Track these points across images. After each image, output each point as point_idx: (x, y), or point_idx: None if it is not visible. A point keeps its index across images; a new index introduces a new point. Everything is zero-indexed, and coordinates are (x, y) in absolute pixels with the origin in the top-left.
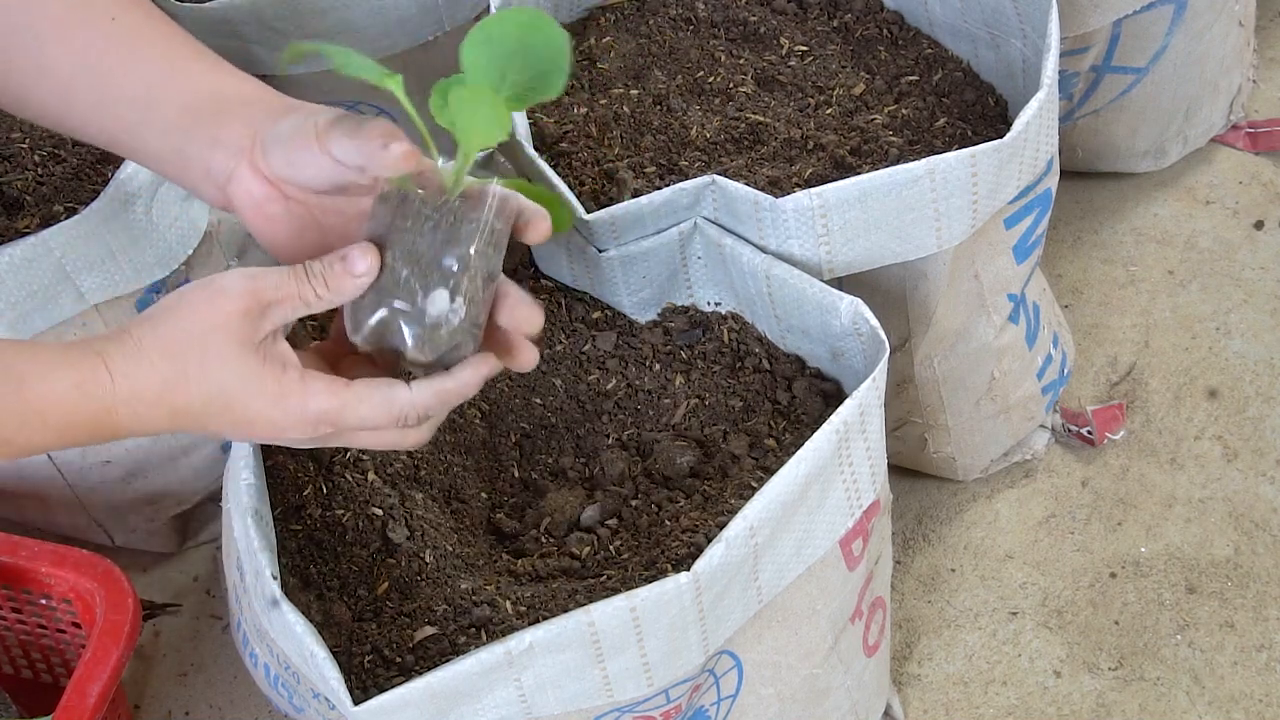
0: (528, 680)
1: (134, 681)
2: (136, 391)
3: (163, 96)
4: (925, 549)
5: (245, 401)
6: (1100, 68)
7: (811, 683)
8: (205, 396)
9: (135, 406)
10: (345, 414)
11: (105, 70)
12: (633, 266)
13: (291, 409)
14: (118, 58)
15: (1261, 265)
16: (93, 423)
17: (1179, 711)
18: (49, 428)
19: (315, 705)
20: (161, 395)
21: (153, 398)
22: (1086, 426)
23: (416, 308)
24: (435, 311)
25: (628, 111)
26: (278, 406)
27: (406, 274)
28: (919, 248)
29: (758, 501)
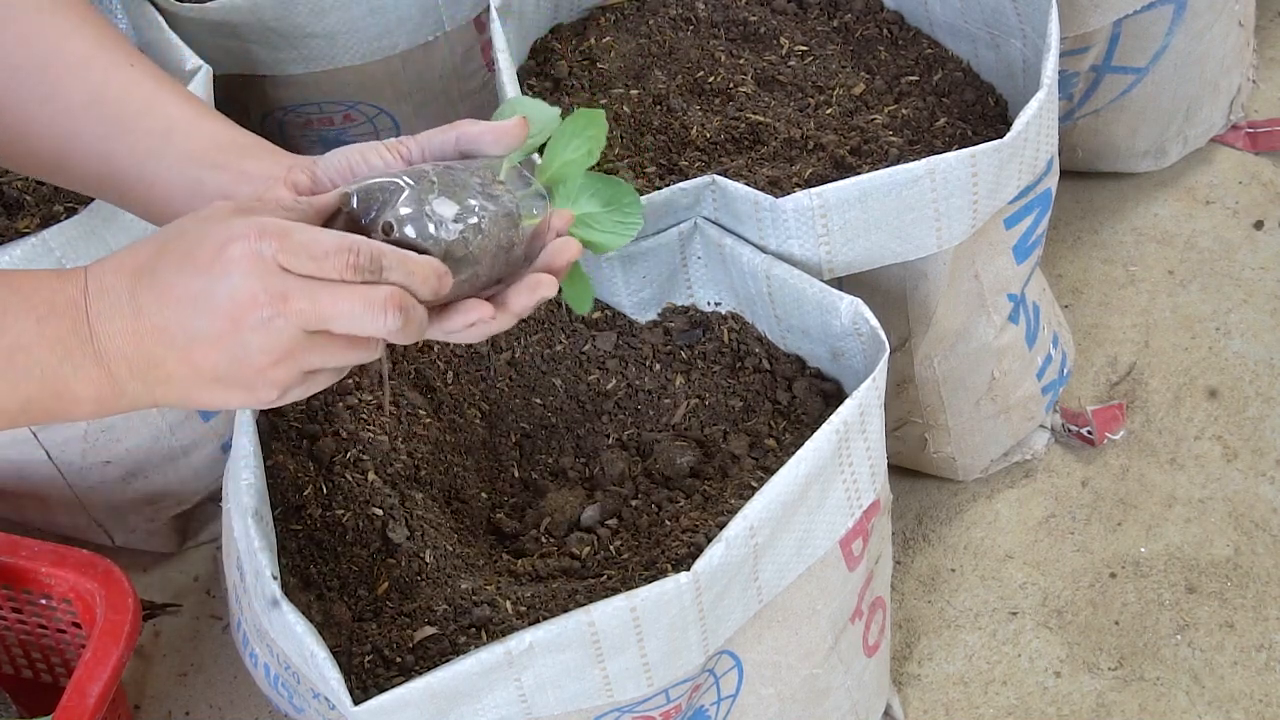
0: (528, 680)
1: (134, 681)
2: (104, 264)
3: (186, 131)
4: (925, 549)
5: (196, 225)
6: (1100, 68)
7: (811, 683)
8: (161, 239)
9: (102, 278)
10: (290, 230)
11: (124, 103)
12: (633, 266)
13: (236, 223)
14: (140, 94)
15: (1261, 265)
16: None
17: (1179, 711)
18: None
19: (315, 705)
20: (123, 259)
21: (116, 263)
22: (1086, 426)
23: (422, 196)
24: (440, 210)
25: (628, 111)
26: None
27: (434, 179)
28: (919, 248)
29: (758, 501)
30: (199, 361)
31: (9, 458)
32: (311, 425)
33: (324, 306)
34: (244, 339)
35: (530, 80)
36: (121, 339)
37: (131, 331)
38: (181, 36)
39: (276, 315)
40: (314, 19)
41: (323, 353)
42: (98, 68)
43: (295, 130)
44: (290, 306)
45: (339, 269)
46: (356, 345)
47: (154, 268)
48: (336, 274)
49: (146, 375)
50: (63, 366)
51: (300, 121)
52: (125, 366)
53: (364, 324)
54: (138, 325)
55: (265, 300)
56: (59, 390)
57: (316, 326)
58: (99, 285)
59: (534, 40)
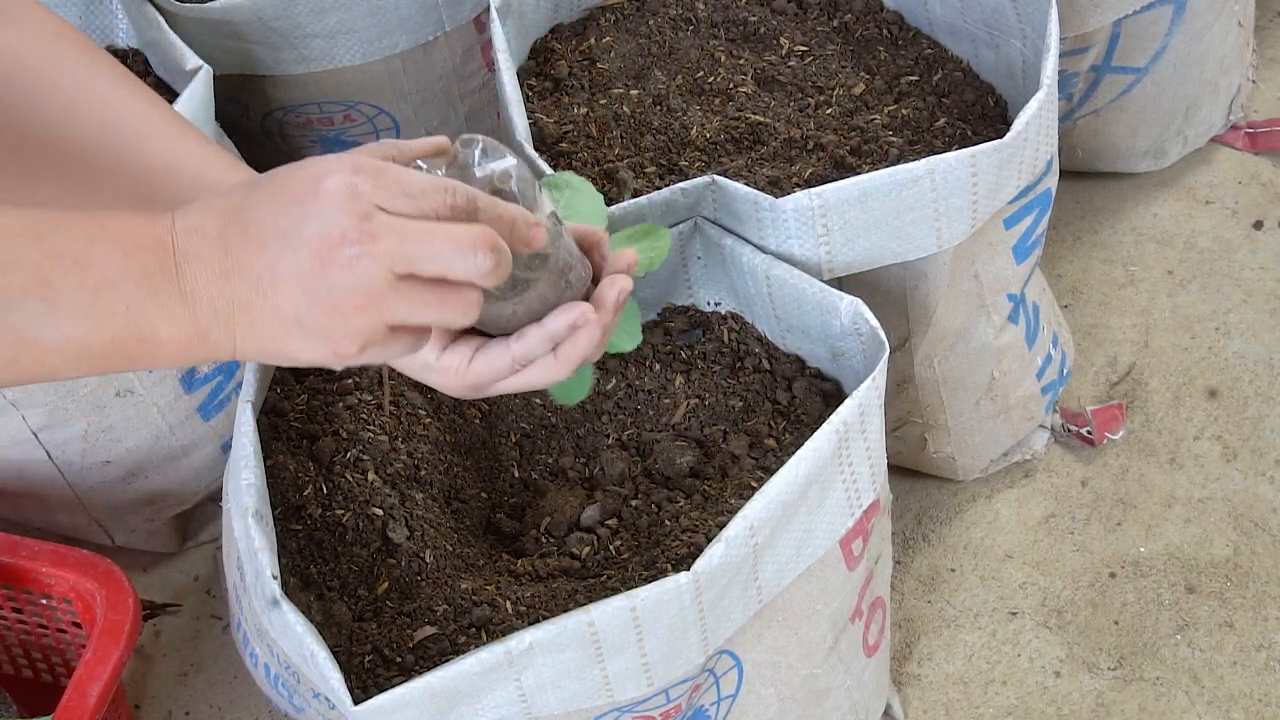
0: (528, 680)
1: (134, 681)
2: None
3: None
4: (925, 549)
5: (290, 166)
6: (1100, 68)
7: (811, 682)
8: (254, 181)
9: (188, 217)
10: (386, 168)
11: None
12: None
13: (330, 160)
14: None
15: (1261, 265)
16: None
17: (1178, 711)
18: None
19: (315, 705)
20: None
21: (203, 204)
22: (1086, 426)
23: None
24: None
25: (628, 111)
26: (317, 159)
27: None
28: (919, 248)
29: (758, 501)
30: (282, 302)
31: (9, 458)
32: (311, 425)
33: (412, 245)
34: (330, 278)
35: (530, 80)
36: (207, 278)
37: (219, 270)
38: (182, 36)
39: (364, 254)
40: (314, 19)
41: (409, 302)
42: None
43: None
44: (379, 245)
45: (435, 207)
46: (445, 300)
47: (243, 205)
48: (432, 212)
49: (230, 318)
50: (148, 304)
51: (300, 121)
52: (210, 308)
53: (454, 264)
54: (225, 263)
55: (355, 237)
56: (143, 331)
57: (405, 268)
58: (186, 224)
59: (534, 40)
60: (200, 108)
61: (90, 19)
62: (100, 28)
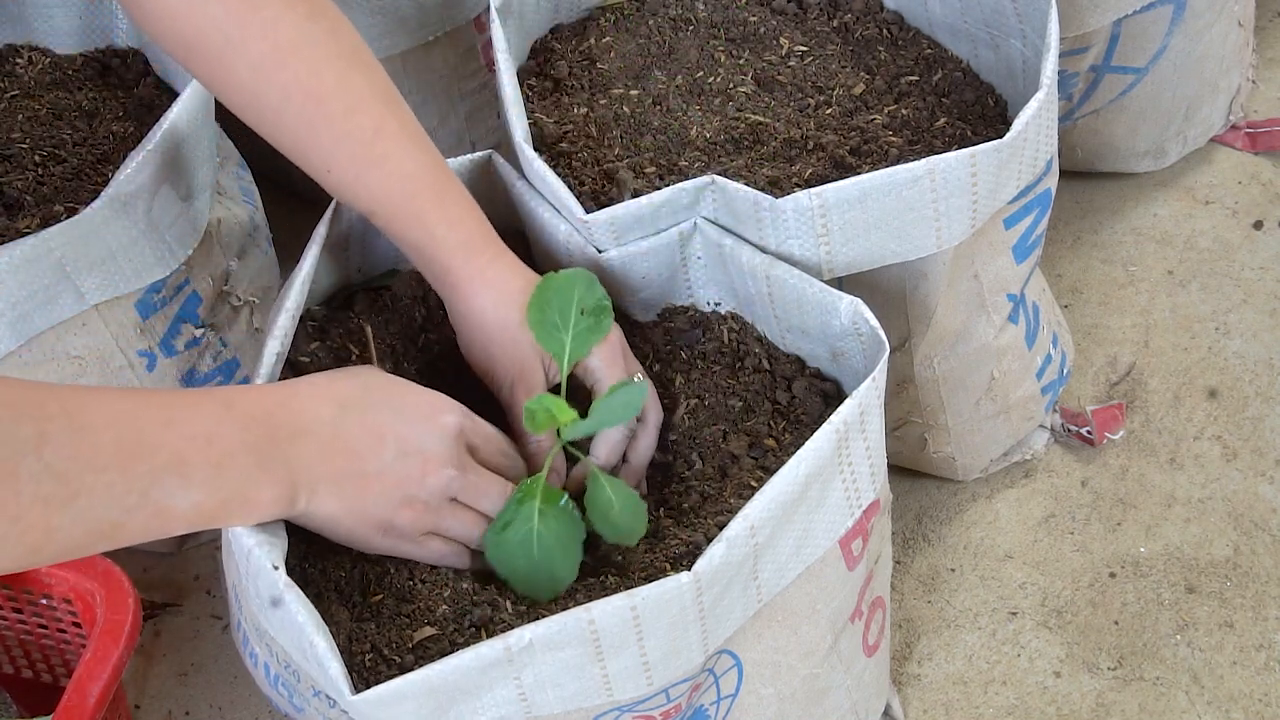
0: (527, 678)
1: (134, 681)
2: (310, 381)
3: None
4: (925, 549)
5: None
6: (1100, 68)
7: (811, 682)
8: (361, 382)
9: (305, 398)
10: (483, 424)
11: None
12: (632, 267)
13: (427, 397)
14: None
15: (1261, 265)
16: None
17: (1178, 711)
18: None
19: (315, 704)
20: (323, 388)
21: (324, 384)
22: (1086, 426)
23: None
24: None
25: (628, 111)
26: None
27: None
28: (919, 248)
29: (758, 501)
30: (368, 489)
31: None
32: None
33: (484, 483)
34: (424, 479)
35: (530, 80)
36: (312, 452)
37: (327, 450)
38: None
39: (454, 478)
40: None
41: (454, 519)
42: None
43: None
44: (465, 475)
45: (505, 465)
46: (470, 531)
47: (362, 403)
48: (501, 467)
49: (315, 489)
50: (257, 471)
51: None
52: (306, 477)
53: (496, 508)
54: (334, 445)
55: (453, 459)
56: (249, 495)
57: (468, 499)
58: (303, 405)
59: (534, 40)
60: (200, 108)
61: (90, 19)
62: (100, 28)
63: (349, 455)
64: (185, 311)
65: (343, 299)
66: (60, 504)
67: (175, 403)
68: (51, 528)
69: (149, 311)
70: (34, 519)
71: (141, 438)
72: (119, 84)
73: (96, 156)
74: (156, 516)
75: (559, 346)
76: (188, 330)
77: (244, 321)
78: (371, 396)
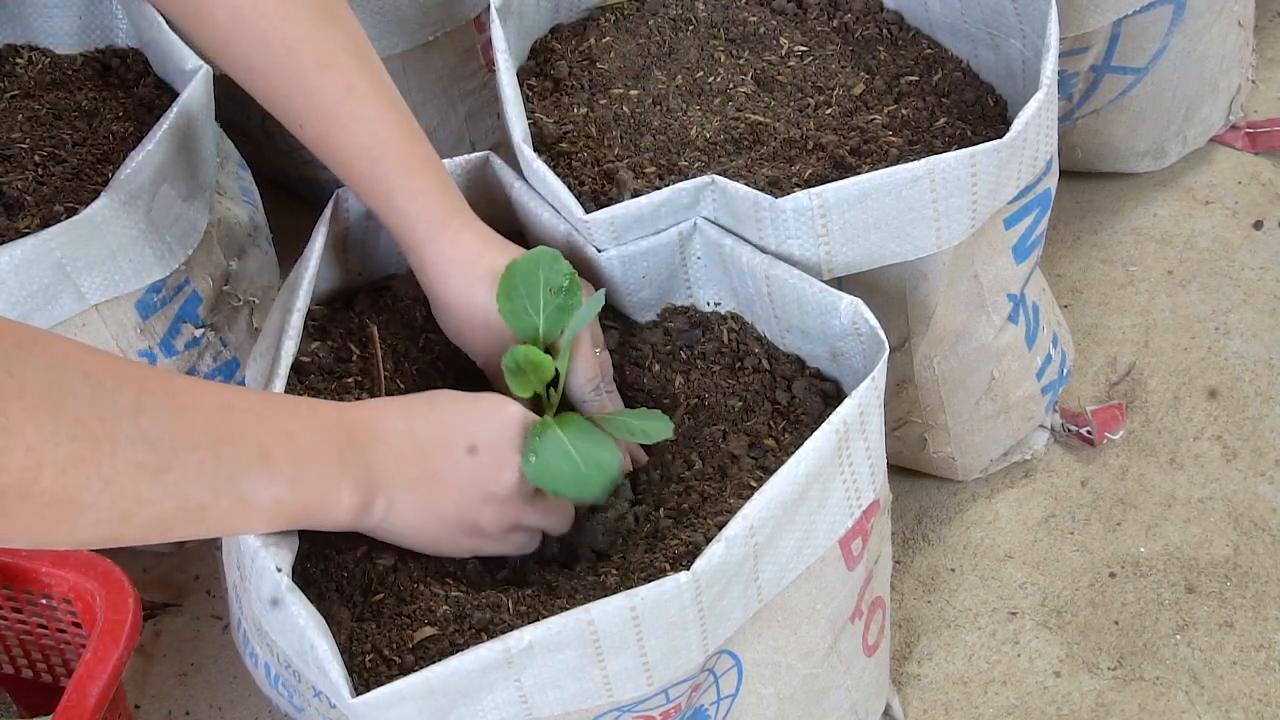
0: (528, 680)
1: (134, 681)
2: (379, 400)
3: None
4: (925, 549)
5: (463, 395)
6: (1100, 68)
7: (811, 682)
8: (425, 401)
9: (376, 408)
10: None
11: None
12: (632, 267)
13: (489, 397)
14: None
15: (1261, 265)
16: (348, 419)
17: (1178, 711)
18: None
19: (315, 704)
20: (391, 405)
21: (393, 400)
22: (1086, 426)
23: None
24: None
25: (628, 111)
26: (486, 395)
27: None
28: (919, 248)
29: (757, 501)
30: (446, 492)
31: None
32: None
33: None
34: (499, 474)
35: (530, 80)
36: (389, 460)
37: (399, 458)
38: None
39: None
40: None
41: (534, 510)
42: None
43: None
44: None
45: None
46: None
47: (430, 411)
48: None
49: (393, 499)
50: (337, 473)
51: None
52: (384, 485)
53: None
54: (406, 452)
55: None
56: (329, 497)
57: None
58: (376, 413)
59: (534, 40)
60: (200, 108)
61: (90, 19)
62: (100, 28)
63: (423, 460)
64: (185, 311)
65: (343, 299)
66: (152, 474)
67: (263, 399)
68: (142, 497)
69: (149, 311)
70: (126, 485)
71: (232, 425)
72: (119, 84)
73: (96, 156)
74: (239, 506)
75: (533, 331)
76: (188, 330)
77: (244, 321)
78: (436, 402)
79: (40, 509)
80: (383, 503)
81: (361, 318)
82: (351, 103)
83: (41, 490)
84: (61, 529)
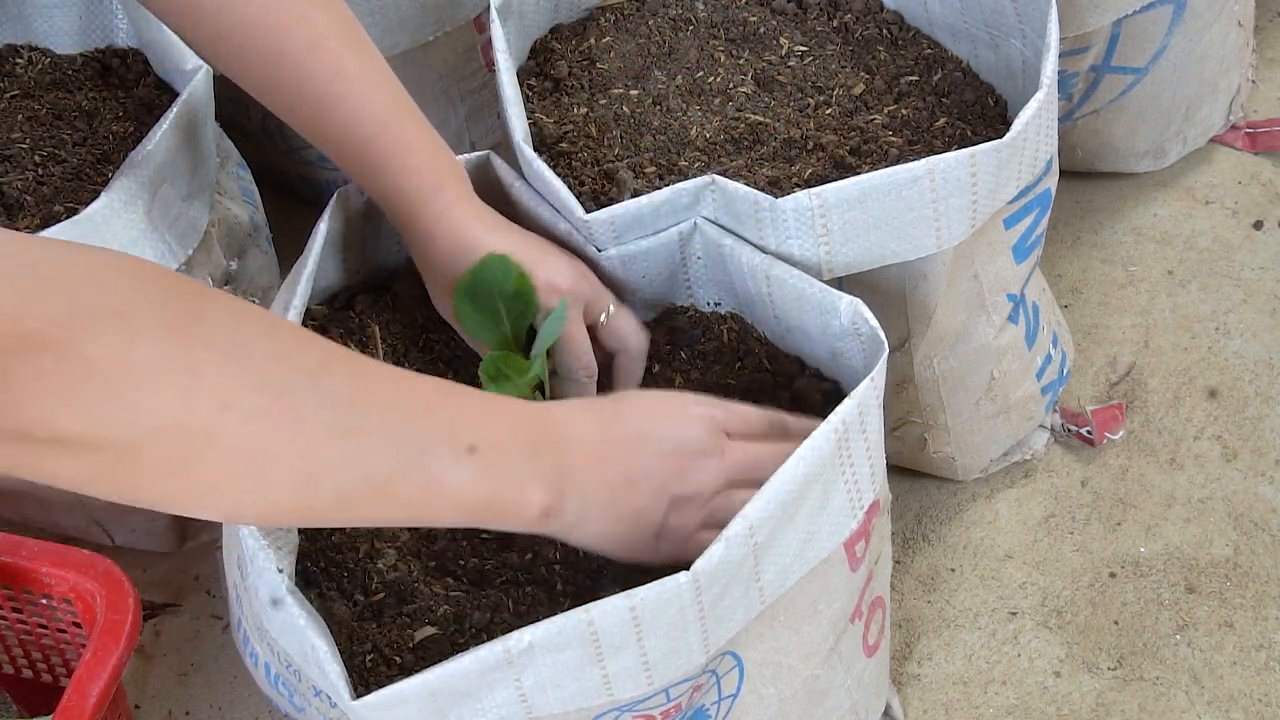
0: (528, 680)
1: (134, 681)
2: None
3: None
4: (925, 549)
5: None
6: (1100, 68)
7: (812, 683)
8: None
9: (566, 409)
10: (730, 405)
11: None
12: (632, 266)
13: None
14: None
15: (1261, 265)
16: (539, 415)
17: (1178, 711)
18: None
19: (316, 704)
20: (577, 405)
21: (569, 406)
22: (1086, 426)
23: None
24: None
25: (628, 111)
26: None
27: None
28: (919, 248)
29: (757, 501)
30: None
31: None
32: None
33: (753, 456)
34: (686, 474)
35: (530, 80)
36: (581, 462)
37: (592, 460)
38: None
39: (715, 464)
40: None
41: (729, 506)
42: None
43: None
44: (727, 458)
45: (763, 430)
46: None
47: (618, 412)
48: (760, 435)
49: (587, 504)
50: (527, 469)
51: None
52: (577, 489)
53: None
54: (602, 451)
55: (711, 448)
56: (520, 493)
57: (742, 474)
58: (568, 415)
59: (534, 40)
60: (200, 108)
61: (90, 19)
62: (100, 28)
63: (616, 464)
64: None
65: (344, 299)
66: (338, 433)
67: (452, 385)
68: (329, 458)
69: None
70: (313, 442)
71: (416, 398)
72: (119, 84)
73: (96, 156)
74: (428, 486)
75: (503, 337)
76: None
77: None
78: (623, 405)
79: (228, 459)
80: (575, 505)
81: (362, 318)
82: (341, 84)
83: (229, 437)
84: (249, 486)
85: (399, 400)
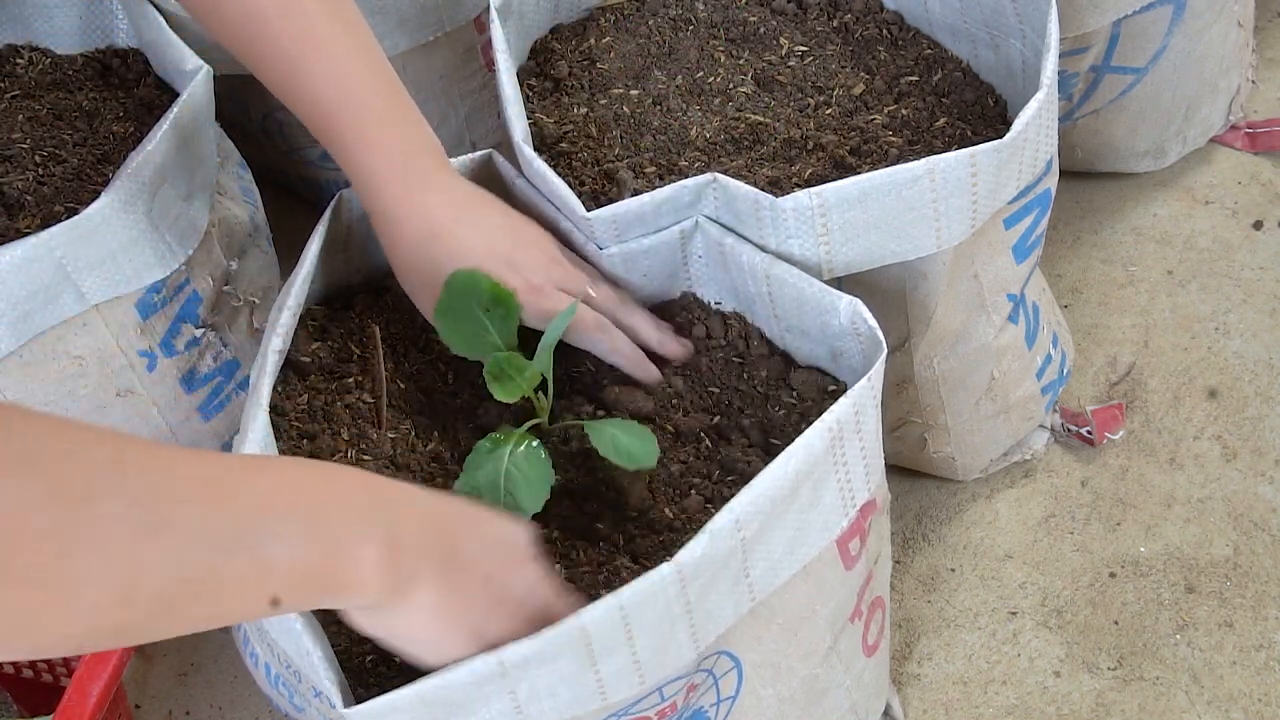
0: (522, 691)
1: (134, 681)
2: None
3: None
4: (925, 549)
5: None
6: (1100, 68)
7: (811, 683)
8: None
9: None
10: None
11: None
12: (634, 264)
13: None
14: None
15: (1260, 265)
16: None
17: (1178, 711)
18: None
19: (316, 704)
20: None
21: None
22: (1086, 426)
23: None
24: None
25: (628, 111)
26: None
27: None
28: (919, 248)
29: (744, 495)
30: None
31: None
32: (312, 425)
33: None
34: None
35: (530, 80)
36: (414, 523)
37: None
38: (182, 37)
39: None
40: None
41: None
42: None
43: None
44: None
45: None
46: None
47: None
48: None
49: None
50: (355, 526)
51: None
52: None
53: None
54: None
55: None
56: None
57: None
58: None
59: (534, 40)
60: (200, 108)
61: (90, 19)
62: (100, 28)
63: (449, 535)
64: (185, 311)
65: (343, 299)
66: (147, 531)
67: (262, 458)
68: (143, 562)
69: (149, 311)
70: (121, 548)
71: (225, 477)
72: (119, 84)
73: (96, 156)
74: (255, 567)
75: (492, 346)
76: (188, 330)
77: (244, 321)
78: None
79: (28, 587)
80: (409, 573)
81: (362, 318)
82: (312, 48)
83: (26, 562)
84: (56, 612)
85: (206, 485)
